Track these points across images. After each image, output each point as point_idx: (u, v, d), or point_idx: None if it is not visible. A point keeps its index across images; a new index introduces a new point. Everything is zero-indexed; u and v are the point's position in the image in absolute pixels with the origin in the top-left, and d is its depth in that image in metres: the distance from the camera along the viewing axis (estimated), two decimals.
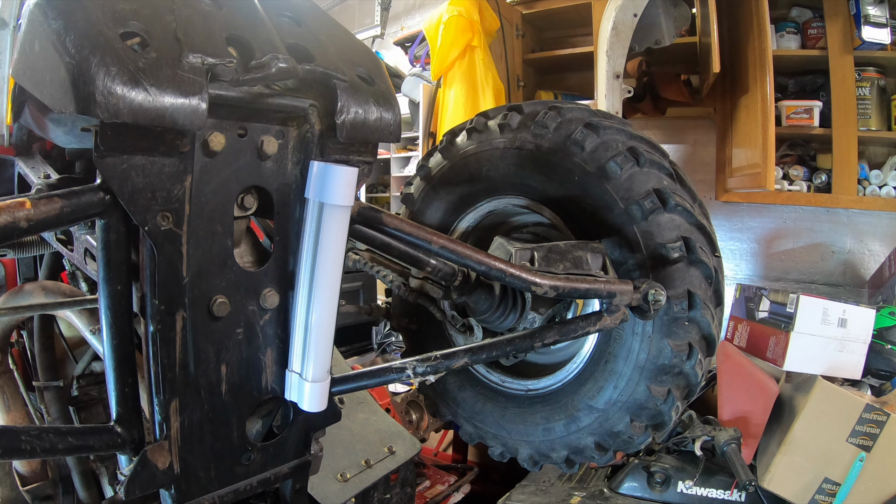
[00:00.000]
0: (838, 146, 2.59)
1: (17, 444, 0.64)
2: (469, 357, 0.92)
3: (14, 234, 0.58)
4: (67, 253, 0.97)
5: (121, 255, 0.67)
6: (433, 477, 2.05)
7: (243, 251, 0.81)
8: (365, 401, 1.54)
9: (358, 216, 0.87)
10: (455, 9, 2.96)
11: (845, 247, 2.90)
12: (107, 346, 0.69)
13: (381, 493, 1.39)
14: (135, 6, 0.61)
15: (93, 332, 1.02)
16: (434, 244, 0.93)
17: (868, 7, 2.39)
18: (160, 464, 0.70)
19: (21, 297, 1.14)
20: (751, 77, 2.56)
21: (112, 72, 0.55)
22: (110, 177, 0.60)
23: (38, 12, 0.59)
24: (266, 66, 0.64)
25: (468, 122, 1.21)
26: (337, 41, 0.80)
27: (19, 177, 1.08)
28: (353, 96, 0.75)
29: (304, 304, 0.74)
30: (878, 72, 2.61)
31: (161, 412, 0.70)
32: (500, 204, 1.20)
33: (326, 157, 0.76)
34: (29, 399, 1.34)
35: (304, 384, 0.76)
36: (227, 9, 0.69)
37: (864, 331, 1.83)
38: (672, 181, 1.04)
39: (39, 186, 0.89)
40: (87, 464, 1.30)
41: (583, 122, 1.05)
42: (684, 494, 1.62)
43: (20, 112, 0.85)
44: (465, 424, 1.30)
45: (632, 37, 2.34)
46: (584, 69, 3.12)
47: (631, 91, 2.45)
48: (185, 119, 0.60)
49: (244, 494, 0.81)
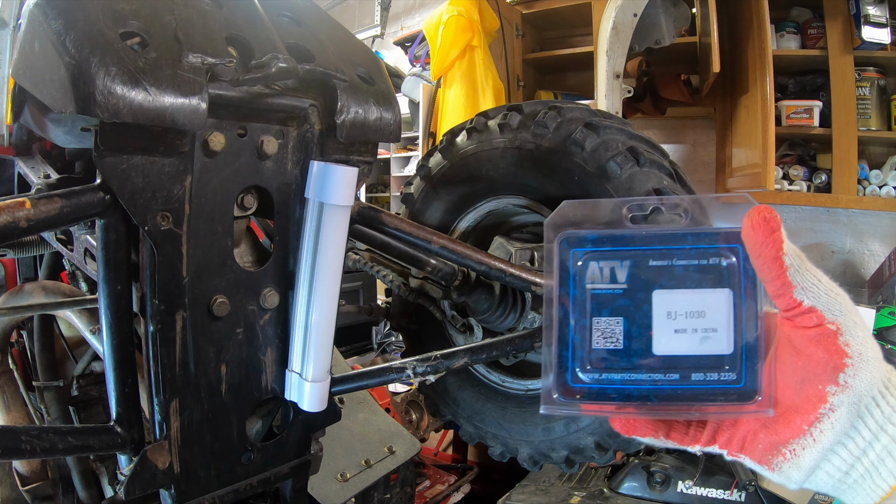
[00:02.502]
0: (838, 146, 2.59)
1: (17, 444, 0.64)
2: (469, 357, 0.92)
3: (14, 234, 0.58)
4: (67, 253, 0.97)
5: (121, 255, 0.67)
6: (433, 477, 2.05)
7: (243, 251, 0.81)
8: (365, 401, 1.54)
9: (358, 216, 0.87)
10: (455, 9, 2.96)
11: (845, 247, 2.90)
12: (107, 346, 0.69)
13: (381, 492, 1.39)
14: (135, 6, 0.61)
15: (93, 332, 1.02)
16: (434, 244, 0.93)
17: (868, 7, 2.39)
18: (160, 464, 0.70)
19: (21, 297, 1.14)
20: (751, 77, 2.56)
21: (112, 72, 0.55)
22: (110, 177, 0.60)
23: (38, 12, 0.59)
24: (266, 65, 0.64)
25: (468, 122, 1.21)
26: (337, 41, 0.80)
27: (19, 177, 1.08)
28: (353, 96, 0.75)
29: (304, 304, 0.74)
30: (878, 72, 2.61)
31: (161, 412, 0.70)
32: (500, 204, 1.20)
33: (326, 157, 0.76)
34: (29, 399, 1.34)
35: (304, 384, 0.76)
36: (227, 9, 0.69)
37: None
38: (672, 181, 1.04)
39: (39, 186, 0.89)
40: (87, 464, 1.30)
41: (583, 122, 1.05)
42: (684, 494, 1.62)
43: (20, 112, 0.84)
44: (465, 424, 1.30)
45: (632, 37, 2.34)
46: (584, 69, 3.12)
47: (631, 91, 2.45)
48: (185, 119, 0.60)
49: (244, 494, 0.81)
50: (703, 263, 0.46)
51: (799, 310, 0.42)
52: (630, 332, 0.46)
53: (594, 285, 0.48)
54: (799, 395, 0.43)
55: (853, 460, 0.42)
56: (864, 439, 0.41)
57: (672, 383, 0.45)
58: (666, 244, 0.47)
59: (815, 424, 0.41)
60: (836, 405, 0.41)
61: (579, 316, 0.47)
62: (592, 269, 0.48)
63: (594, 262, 0.48)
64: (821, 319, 0.41)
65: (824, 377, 0.41)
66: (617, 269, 0.47)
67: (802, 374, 0.43)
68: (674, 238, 0.47)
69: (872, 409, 0.41)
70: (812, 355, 0.42)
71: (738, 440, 0.45)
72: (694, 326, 0.45)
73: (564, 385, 0.47)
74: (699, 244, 0.46)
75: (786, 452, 0.42)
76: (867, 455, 0.41)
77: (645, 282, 0.47)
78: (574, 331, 0.47)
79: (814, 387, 0.42)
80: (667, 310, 0.46)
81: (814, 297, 0.41)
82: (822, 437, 0.41)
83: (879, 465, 0.41)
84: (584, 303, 0.48)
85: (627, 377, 0.46)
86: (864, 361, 0.41)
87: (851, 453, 0.42)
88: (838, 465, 0.42)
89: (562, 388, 0.47)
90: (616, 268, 0.47)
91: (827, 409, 0.41)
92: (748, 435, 0.45)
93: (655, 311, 0.46)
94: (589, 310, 0.47)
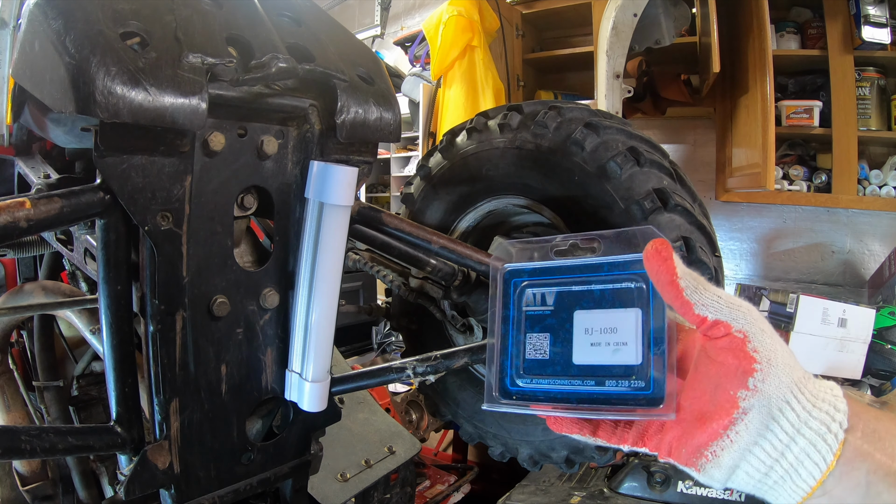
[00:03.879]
0: (838, 146, 2.59)
1: (17, 444, 0.64)
2: (469, 357, 0.92)
3: (14, 234, 0.58)
4: (67, 253, 0.97)
5: (121, 255, 0.67)
6: (433, 477, 2.05)
7: (243, 251, 0.81)
8: (365, 401, 1.54)
9: (358, 216, 0.87)
10: (455, 9, 2.96)
11: (845, 247, 2.90)
12: (107, 346, 0.69)
13: (381, 493, 1.39)
14: (135, 6, 0.61)
15: (93, 332, 1.02)
16: (434, 244, 0.93)
17: (868, 7, 2.39)
18: (160, 464, 0.70)
19: (21, 297, 1.14)
20: (751, 77, 2.56)
21: (112, 72, 0.55)
22: (110, 177, 0.60)
23: (37, 12, 0.59)
24: (266, 65, 0.64)
25: (468, 122, 1.21)
26: (337, 41, 0.80)
27: (19, 177, 1.08)
28: (353, 96, 0.75)
29: (304, 304, 0.74)
30: (878, 72, 2.61)
31: (161, 412, 0.70)
32: (500, 204, 1.20)
33: (326, 157, 0.76)
34: (29, 399, 1.34)
35: (304, 384, 0.76)
36: (227, 9, 0.69)
37: (864, 331, 1.84)
38: (672, 181, 1.04)
39: (39, 186, 0.89)
40: (87, 464, 1.30)
41: (583, 122, 1.05)
42: (684, 494, 1.62)
43: (20, 112, 0.84)
44: (465, 424, 1.30)
45: (632, 37, 2.34)
46: (584, 69, 3.12)
47: (631, 91, 2.45)
48: (185, 119, 0.60)
49: (244, 494, 0.81)
50: (616, 287, 0.54)
51: (707, 324, 0.46)
52: (555, 345, 0.55)
53: (528, 308, 0.58)
54: (714, 401, 0.46)
55: (772, 462, 0.44)
56: (780, 441, 0.43)
57: (589, 388, 0.52)
58: (587, 272, 0.56)
59: (730, 427, 0.44)
60: (748, 409, 0.44)
61: (516, 332, 0.57)
62: (527, 295, 0.58)
63: (529, 289, 0.58)
64: (727, 329, 0.45)
65: (735, 382, 0.45)
66: (547, 294, 0.57)
67: (716, 380, 0.46)
68: (593, 267, 0.56)
69: (786, 411, 0.43)
70: (724, 362, 0.46)
71: (666, 444, 0.49)
72: (607, 340, 0.53)
73: (503, 388, 0.57)
74: (613, 271, 0.54)
75: (707, 455, 0.45)
76: (785, 457, 0.43)
77: (568, 304, 0.55)
78: (512, 344, 0.57)
79: (726, 392, 0.45)
80: (585, 326, 0.54)
81: (715, 311, 0.46)
82: (739, 438, 0.44)
83: (799, 467, 0.43)
84: (520, 322, 0.57)
85: (552, 382, 0.54)
86: (772, 366, 0.44)
87: (769, 455, 0.44)
88: (757, 466, 0.44)
89: (501, 390, 0.57)
90: (546, 293, 0.57)
91: (740, 413, 0.44)
92: (674, 440, 0.48)
93: (576, 328, 0.54)
94: (524, 328, 0.57)
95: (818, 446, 0.43)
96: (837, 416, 0.43)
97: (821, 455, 0.43)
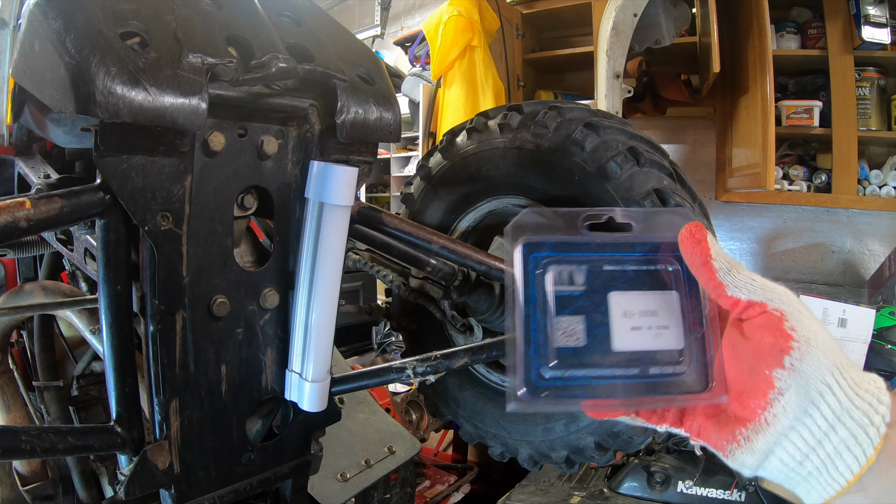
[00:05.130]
0: (838, 146, 2.59)
1: (17, 444, 0.64)
2: (469, 357, 0.92)
3: (14, 234, 0.58)
4: (67, 253, 0.97)
5: (121, 255, 0.67)
6: (433, 477, 2.05)
7: (243, 251, 0.81)
8: (365, 401, 1.54)
9: (358, 216, 0.87)
10: (455, 9, 2.96)
11: (845, 247, 2.90)
12: (107, 346, 0.69)
13: (381, 493, 1.39)
14: (135, 6, 0.61)
15: (93, 332, 1.02)
16: (434, 244, 0.93)
17: (868, 7, 2.39)
18: (160, 464, 0.70)
19: (21, 297, 1.14)
20: (751, 77, 2.56)
21: (112, 72, 0.55)
22: (110, 177, 0.60)
23: (37, 12, 0.59)
24: (266, 65, 0.64)
25: (468, 122, 1.21)
26: (337, 41, 0.80)
27: (19, 177, 1.08)
28: (353, 96, 0.75)
29: (304, 304, 0.74)
30: (878, 72, 2.61)
31: (161, 412, 0.70)
32: (500, 204, 1.20)
33: (326, 157, 0.76)
34: (29, 399, 1.34)
35: (304, 384, 0.76)
36: (227, 9, 0.69)
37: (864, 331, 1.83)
38: (672, 181, 1.04)
39: (39, 186, 0.89)
40: (87, 464, 1.30)
41: (583, 122, 1.05)
42: (684, 494, 1.62)
43: (20, 112, 0.84)
44: (465, 424, 1.30)
45: (632, 37, 2.34)
46: (584, 69, 3.12)
47: (631, 91, 2.45)
48: (185, 119, 0.60)
49: (244, 494, 0.81)
50: (651, 269, 0.50)
51: (741, 305, 0.45)
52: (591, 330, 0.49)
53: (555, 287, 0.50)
54: (750, 382, 0.44)
55: (808, 449, 0.41)
56: (819, 428, 0.41)
57: (632, 377, 0.48)
58: (618, 251, 0.51)
59: (767, 409, 0.42)
60: (784, 389, 0.42)
61: (541, 316, 0.49)
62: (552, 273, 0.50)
63: (554, 266, 0.50)
64: (764, 307, 0.44)
65: (771, 361, 0.43)
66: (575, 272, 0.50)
67: (752, 360, 0.44)
68: (624, 246, 0.51)
69: (827, 395, 0.41)
70: (760, 341, 0.44)
71: (698, 426, 0.47)
72: (648, 324, 0.49)
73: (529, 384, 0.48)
74: (646, 252, 0.51)
75: (740, 438, 0.43)
76: (823, 446, 0.41)
77: (601, 284, 0.50)
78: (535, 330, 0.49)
79: (762, 372, 0.43)
80: (623, 309, 0.49)
81: (749, 293, 0.44)
82: (776, 420, 0.42)
83: (836, 458, 0.41)
84: (546, 304, 0.50)
85: (590, 371, 0.49)
86: (811, 346, 0.42)
87: (806, 441, 0.41)
88: (792, 453, 0.42)
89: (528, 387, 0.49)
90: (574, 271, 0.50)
91: (776, 393, 0.42)
92: (706, 421, 0.47)
93: (612, 311, 0.49)
94: (552, 310, 0.49)
95: (859, 438, 0.40)
96: (881, 409, 0.41)
97: (861, 448, 0.40)
